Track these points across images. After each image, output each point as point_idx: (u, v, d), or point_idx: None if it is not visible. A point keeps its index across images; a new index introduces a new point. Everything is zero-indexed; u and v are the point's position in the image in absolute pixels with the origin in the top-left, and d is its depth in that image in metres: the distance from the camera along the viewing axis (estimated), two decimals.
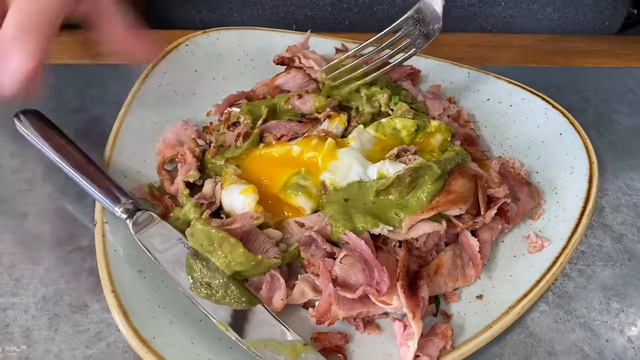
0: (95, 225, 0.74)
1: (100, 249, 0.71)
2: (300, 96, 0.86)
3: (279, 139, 0.81)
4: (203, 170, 0.81)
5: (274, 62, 0.96)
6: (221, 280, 0.68)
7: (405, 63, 1.02)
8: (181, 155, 0.82)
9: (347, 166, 0.76)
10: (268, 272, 0.70)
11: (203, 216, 0.72)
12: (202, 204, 0.75)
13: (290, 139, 0.81)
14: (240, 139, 0.81)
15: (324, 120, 0.84)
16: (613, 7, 1.25)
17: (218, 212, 0.77)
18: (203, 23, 1.24)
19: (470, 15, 1.23)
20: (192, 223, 0.70)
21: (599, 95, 1.06)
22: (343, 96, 0.88)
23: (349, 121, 0.86)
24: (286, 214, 0.75)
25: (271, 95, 0.93)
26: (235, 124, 0.84)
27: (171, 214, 0.77)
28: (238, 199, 0.74)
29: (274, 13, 1.22)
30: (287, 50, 0.96)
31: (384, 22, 1.21)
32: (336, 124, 0.83)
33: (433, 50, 1.11)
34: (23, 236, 0.79)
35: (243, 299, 0.67)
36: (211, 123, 0.91)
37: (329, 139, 0.77)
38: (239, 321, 0.66)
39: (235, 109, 0.88)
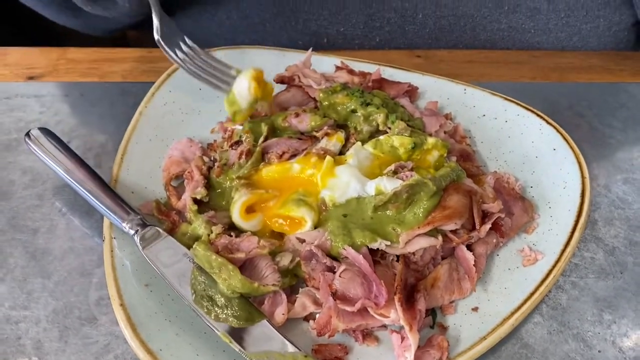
0: (103, 240, 0.77)
1: (108, 263, 0.74)
2: (297, 115, 0.89)
3: (280, 156, 0.84)
4: (209, 187, 0.84)
5: (274, 80, 0.99)
6: (225, 294, 0.71)
7: (403, 80, 1.05)
8: (188, 172, 0.85)
9: (345, 183, 0.78)
10: None
11: (213, 232, 0.75)
12: (213, 222, 0.78)
13: (291, 156, 0.84)
14: (243, 156, 0.84)
15: (322, 138, 0.86)
16: (627, 40, 1.30)
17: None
18: (232, 29, 1.26)
19: (498, 40, 1.26)
20: (194, 246, 0.73)
21: (593, 110, 1.09)
22: (340, 116, 0.91)
23: (347, 139, 0.89)
24: (287, 229, 0.78)
25: (272, 113, 0.96)
26: (238, 142, 0.87)
27: (178, 229, 0.80)
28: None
29: (307, 26, 1.23)
30: (286, 70, 0.99)
31: (414, 42, 1.25)
32: (334, 142, 0.86)
33: (430, 67, 1.15)
34: (34, 251, 0.82)
35: (246, 313, 0.70)
36: (215, 140, 0.94)
37: (328, 157, 0.80)
38: (242, 334, 0.68)
39: (238, 127, 0.91)
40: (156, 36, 0.92)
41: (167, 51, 0.92)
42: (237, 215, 0.78)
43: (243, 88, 0.90)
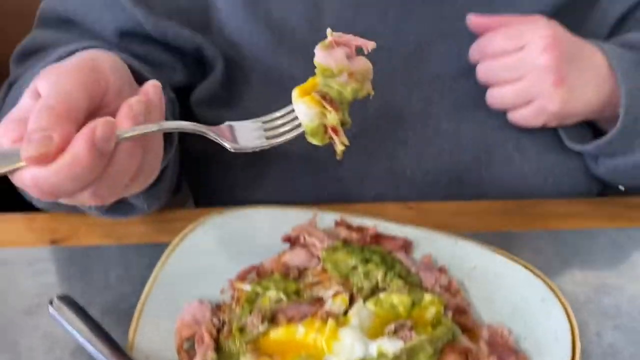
0: None
1: None
2: (316, 284, 0.97)
3: (289, 320, 0.89)
4: (220, 349, 0.89)
5: (281, 240, 1.08)
6: None
7: (394, 233, 1.13)
8: (199, 335, 0.90)
9: (349, 346, 0.83)
10: None
11: None
12: None
13: (300, 319, 0.90)
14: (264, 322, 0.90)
15: (328, 299, 0.93)
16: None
17: None
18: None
19: (481, 192, 1.33)
20: None
21: (578, 257, 1.16)
22: (342, 273, 0.98)
23: (351, 298, 0.95)
24: None
25: (278, 271, 1.02)
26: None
27: None
28: None
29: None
30: (293, 230, 1.08)
31: (408, 197, 1.33)
32: (338, 304, 0.92)
33: (422, 219, 1.23)
34: None
35: None
36: (224, 301, 1.00)
37: (330, 322, 0.86)
38: None
39: (247, 287, 0.98)
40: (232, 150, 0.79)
41: (250, 149, 0.80)
42: None
43: (301, 112, 0.76)
